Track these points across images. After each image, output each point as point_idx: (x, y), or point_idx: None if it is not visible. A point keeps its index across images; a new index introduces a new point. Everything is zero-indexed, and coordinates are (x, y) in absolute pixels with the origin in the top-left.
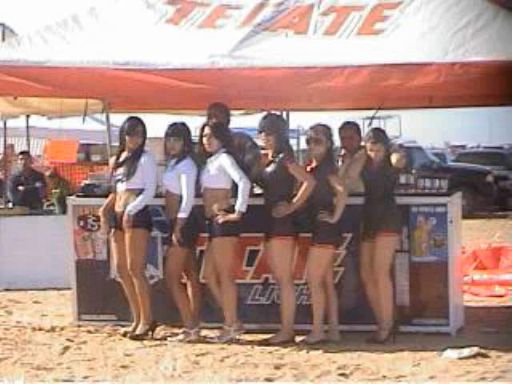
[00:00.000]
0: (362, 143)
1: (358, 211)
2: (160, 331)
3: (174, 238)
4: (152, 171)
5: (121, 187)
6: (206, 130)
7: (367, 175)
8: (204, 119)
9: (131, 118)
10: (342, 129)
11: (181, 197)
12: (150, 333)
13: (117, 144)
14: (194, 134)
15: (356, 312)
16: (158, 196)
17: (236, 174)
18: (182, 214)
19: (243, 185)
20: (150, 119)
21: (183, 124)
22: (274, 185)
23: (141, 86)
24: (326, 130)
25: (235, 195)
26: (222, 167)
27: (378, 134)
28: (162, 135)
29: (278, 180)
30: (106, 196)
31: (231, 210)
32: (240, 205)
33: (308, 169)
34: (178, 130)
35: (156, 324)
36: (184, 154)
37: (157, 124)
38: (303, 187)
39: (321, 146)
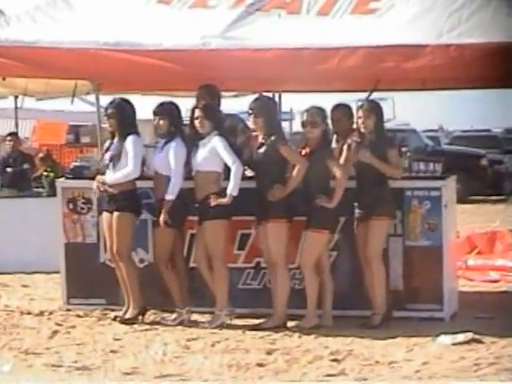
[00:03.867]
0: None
1: (353, 195)
2: (150, 315)
3: (161, 219)
4: (133, 150)
5: (109, 173)
6: (197, 113)
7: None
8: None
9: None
10: (331, 111)
11: (169, 178)
12: (140, 317)
13: (107, 125)
14: (186, 115)
15: (349, 297)
16: (147, 178)
17: (229, 158)
18: (170, 196)
19: (236, 168)
20: (140, 101)
21: (171, 103)
22: (266, 167)
23: (131, 67)
24: (321, 112)
25: (226, 178)
26: (214, 150)
27: (371, 106)
28: (150, 117)
29: (270, 162)
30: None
31: (223, 193)
32: (232, 188)
33: (303, 152)
34: (165, 109)
35: (146, 308)
36: (173, 135)
37: (148, 106)
38: (296, 169)
39: (316, 129)
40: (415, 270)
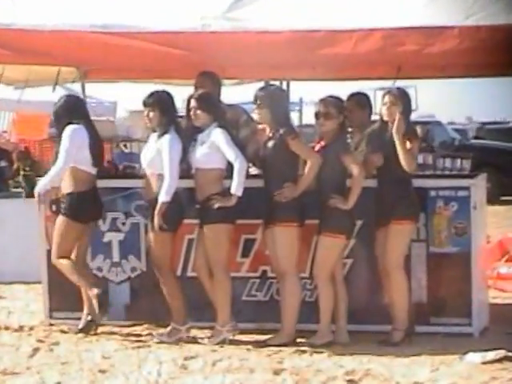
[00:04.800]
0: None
1: (371, 195)
2: (143, 330)
3: (155, 223)
4: (63, 143)
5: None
6: (193, 103)
7: (375, 148)
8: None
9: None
10: (346, 101)
11: (163, 177)
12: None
13: (95, 117)
14: (182, 106)
15: (366, 310)
16: (138, 177)
17: (231, 153)
18: (165, 198)
19: (239, 165)
20: (132, 90)
21: (163, 92)
22: (274, 164)
23: (122, 51)
24: (337, 103)
25: (229, 176)
26: (214, 145)
27: (399, 93)
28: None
29: (279, 159)
30: None
31: (226, 193)
32: (236, 188)
33: (317, 147)
34: (156, 99)
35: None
36: (166, 128)
37: (141, 96)
38: (308, 166)
39: (331, 122)
40: (441, 279)
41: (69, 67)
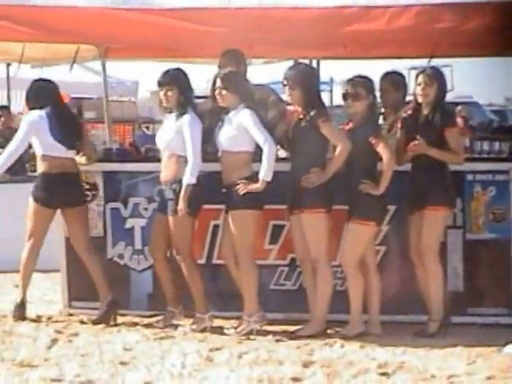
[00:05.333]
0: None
1: (405, 179)
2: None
3: (180, 206)
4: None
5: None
6: (218, 82)
7: (413, 132)
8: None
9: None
10: (380, 80)
11: (184, 159)
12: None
13: (115, 98)
14: (207, 86)
15: (399, 300)
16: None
17: (260, 136)
18: (191, 179)
19: (268, 148)
20: (153, 69)
21: (178, 70)
22: (304, 148)
23: (143, 29)
24: (366, 83)
25: (258, 160)
26: (242, 126)
27: (435, 72)
28: None
29: (309, 142)
30: (104, 161)
31: (254, 178)
32: (265, 172)
33: (345, 129)
34: (172, 78)
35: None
36: (184, 108)
37: None
38: (338, 151)
39: (360, 103)
40: (478, 267)
41: (88, 45)
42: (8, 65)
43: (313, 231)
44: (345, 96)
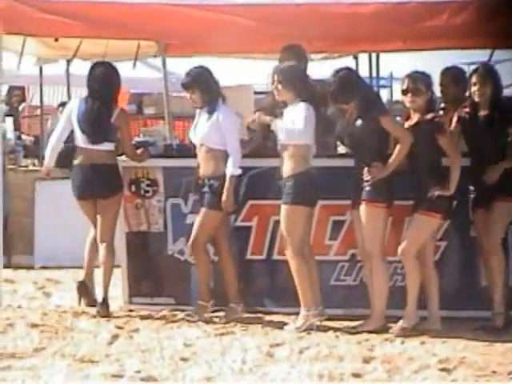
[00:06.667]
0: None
1: (466, 174)
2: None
3: (225, 198)
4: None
5: None
6: (275, 77)
7: (472, 130)
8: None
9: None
10: (440, 76)
11: (222, 153)
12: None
13: (175, 94)
14: (267, 81)
15: (460, 295)
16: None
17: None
18: (235, 171)
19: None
20: (212, 65)
21: (198, 68)
22: (364, 143)
23: (203, 25)
24: (425, 78)
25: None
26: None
27: (489, 70)
28: (227, 84)
29: (369, 137)
30: (163, 156)
31: (310, 173)
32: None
33: (405, 125)
34: (192, 80)
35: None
36: (213, 105)
37: (222, 71)
38: (399, 145)
39: (420, 98)
40: None
41: (147, 41)
42: (68, 61)
43: (370, 225)
44: (405, 91)
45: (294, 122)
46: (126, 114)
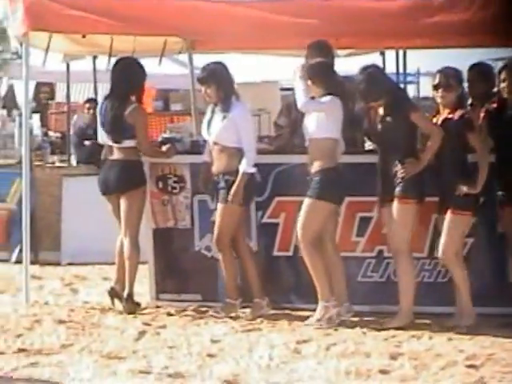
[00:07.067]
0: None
1: (492, 170)
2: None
3: (233, 193)
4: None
5: None
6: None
7: (499, 126)
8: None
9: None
10: (467, 71)
11: (237, 150)
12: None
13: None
14: (292, 77)
15: (488, 291)
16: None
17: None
18: (249, 168)
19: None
20: (239, 61)
21: (215, 64)
22: (396, 140)
23: (230, 20)
24: (456, 74)
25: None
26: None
27: None
28: (253, 80)
29: (400, 134)
30: (190, 152)
31: (341, 168)
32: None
33: (434, 120)
34: (208, 75)
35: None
36: (228, 101)
37: (248, 67)
38: (431, 140)
39: (451, 94)
40: None
41: (174, 37)
42: (94, 57)
43: (400, 221)
44: (436, 86)
45: (321, 115)
46: (141, 110)
